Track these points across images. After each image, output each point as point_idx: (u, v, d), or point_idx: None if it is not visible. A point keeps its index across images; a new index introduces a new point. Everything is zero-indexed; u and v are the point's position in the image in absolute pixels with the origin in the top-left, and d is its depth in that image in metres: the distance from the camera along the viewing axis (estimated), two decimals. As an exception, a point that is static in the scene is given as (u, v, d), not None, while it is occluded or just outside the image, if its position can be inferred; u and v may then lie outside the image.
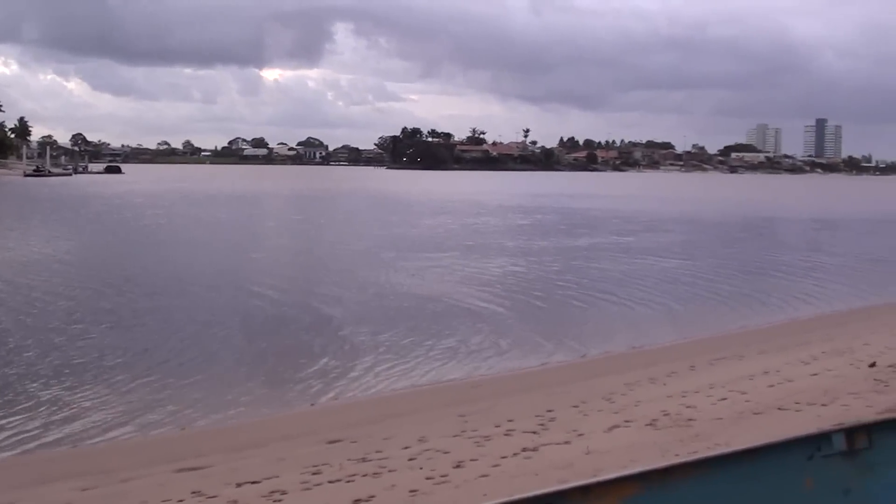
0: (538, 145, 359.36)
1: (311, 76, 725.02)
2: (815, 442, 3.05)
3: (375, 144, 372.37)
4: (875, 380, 15.26)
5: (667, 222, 74.96)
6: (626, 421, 13.48)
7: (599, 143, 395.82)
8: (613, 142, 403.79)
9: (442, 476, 11.16)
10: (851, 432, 2.99)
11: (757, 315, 28.70)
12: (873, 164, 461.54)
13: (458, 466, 11.55)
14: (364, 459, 12.41)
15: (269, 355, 22.18)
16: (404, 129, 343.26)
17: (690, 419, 13.23)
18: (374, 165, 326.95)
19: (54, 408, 17.41)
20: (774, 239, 64.69)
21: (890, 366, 16.59)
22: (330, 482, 11.33)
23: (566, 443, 12.43)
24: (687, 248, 51.98)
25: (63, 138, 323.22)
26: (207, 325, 25.44)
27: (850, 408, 12.77)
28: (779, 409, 13.45)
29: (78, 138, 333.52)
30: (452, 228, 64.60)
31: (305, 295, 30.90)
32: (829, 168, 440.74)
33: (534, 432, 13.25)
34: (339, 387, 19.20)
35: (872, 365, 16.82)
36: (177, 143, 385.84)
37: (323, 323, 26.05)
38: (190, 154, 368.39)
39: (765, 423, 12.46)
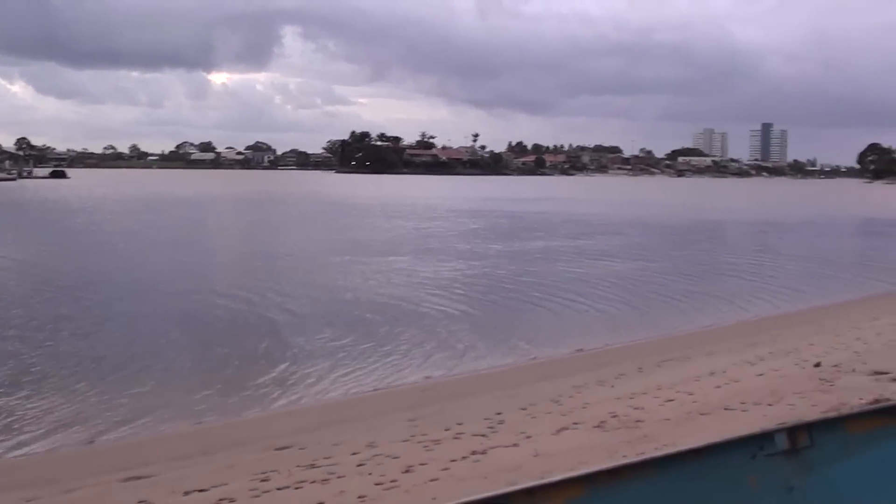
0: (487, 150, 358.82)
1: (260, 80, 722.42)
2: (758, 441, 3.07)
3: (324, 148, 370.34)
4: (820, 379, 15.42)
5: (617, 225, 75.34)
6: (575, 423, 13.53)
7: (548, 147, 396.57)
8: (561, 146, 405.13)
9: (391, 481, 11.14)
10: (793, 431, 3.02)
11: (704, 316, 28.90)
12: (818, 167, 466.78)
13: (407, 471, 11.54)
14: (313, 465, 12.37)
15: (220, 362, 21.96)
16: (353, 133, 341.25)
17: (638, 420, 13.30)
18: (322, 169, 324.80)
19: (1, 416, 17.23)
20: (722, 241, 65.33)
21: (834, 366, 16.77)
22: (278, 489, 11.29)
23: (515, 445, 12.46)
24: (636, 250, 52.23)
25: (7, 142, 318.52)
26: (160, 331, 25.24)
27: (795, 407, 12.89)
28: (725, 409, 13.56)
29: (22, 142, 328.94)
30: (406, 232, 64.53)
31: (258, 300, 30.68)
32: (775, 172, 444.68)
33: (483, 435, 13.27)
34: (289, 393, 19.11)
35: (817, 365, 17.00)
36: (123, 148, 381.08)
37: (273, 328, 25.91)
38: (137, 158, 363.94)
39: (711, 423, 12.55)
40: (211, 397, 18.76)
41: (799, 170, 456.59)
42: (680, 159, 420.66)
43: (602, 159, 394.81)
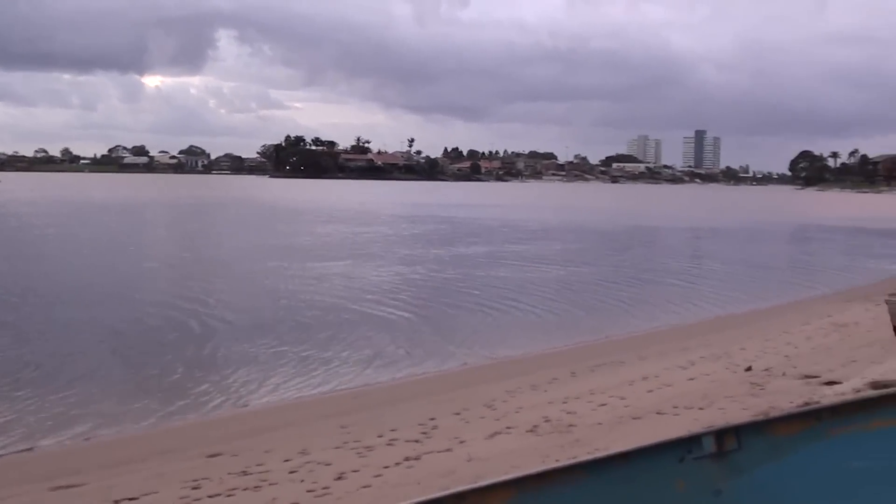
0: (423, 155, 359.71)
1: (194, 83, 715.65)
2: (686, 445, 3.07)
3: (258, 153, 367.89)
4: (751, 383, 15.60)
5: (554, 231, 75.71)
6: (508, 427, 13.57)
7: (483, 153, 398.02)
8: (497, 152, 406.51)
9: (324, 488, 11.10)
10: (721, 434, 3.02)
11: (638, 321, 29.07)
12: (750, 174, 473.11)
13: (339, 478, 11.50)
14: (245, 473, 12.28)
15: (152, 368, 21.62)
16: (288, 138, 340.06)
17: (571, 425, 13.36)
18: (257, 174, 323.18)
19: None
20: (656, 247, 65.84)
21: (765, 370, 16.98)
22: (210, 497, 11.19)
23: (448, 450, 12.46)
24: (572, 255, 52.49)
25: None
26: (88, 338, 24.87)
27: (726, 411, 13.02)
28: (657, 413, 13.66)
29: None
30: (344, 237, 64.16)
31: (192, 306, 30.32)
32: (708, 178, 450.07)
33: (416, 441, 13.26)
34: (221, 399, 18.90)
35: (748, 369, 17.19)
36: (55, 151, 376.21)
37: (207, 334, 25.63)
38: (69, 162, 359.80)
39: (643, 427, 12.64)
40: (143, 404, 18.48)
41: (732, 177, 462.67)
42: (614, 165, 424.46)
43: (537, 165, 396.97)
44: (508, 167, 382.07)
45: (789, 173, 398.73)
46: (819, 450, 2.90)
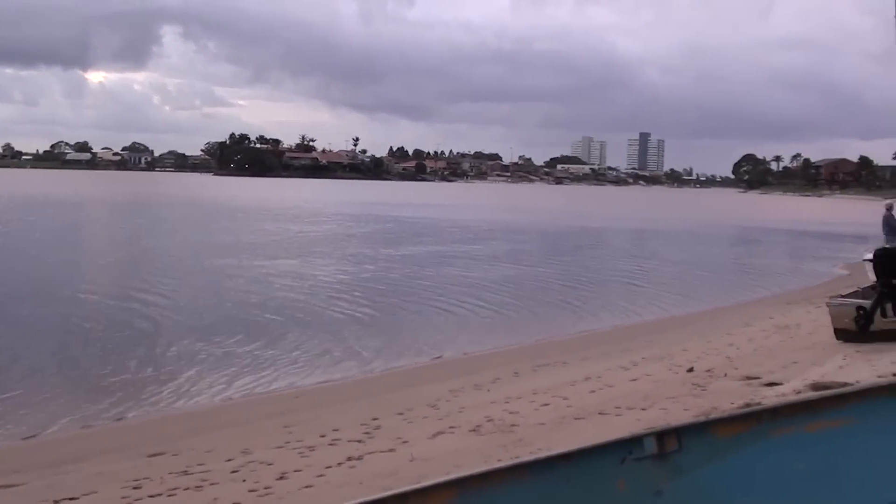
0: (368, 154, 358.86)
1: (138, 79, 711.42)
2: (627, 445, 3.08)
3: (202, 150, 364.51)
4: (692, 384, 15.70)
5: (501, 231, 75.68)
6: (451, 427, 13.57)
7: (429, 153, 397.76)
8: (442, 152, 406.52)
9: (266, 488, 11.05)
10: (662, 435, 3.03)
11: (581, 322, 29.20)
12: (694, 177, 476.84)
13: (281, 478, 11.45)
14: (186, 472, 12.20)
15: (93, 367, 21.37)
16: (232, 135, 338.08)
17: (514, 425, 13.38)
18: (201, 172, 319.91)
19: None
20: (601, 248, 65.98)
21: (707, 371, 17.10)
22: (151, 496, 11.11)
23: (391, 451, 12.45)
24: (516, 256, 52.55)
25: None
26: (30, 336, 24.58)
27: (668, 411, 13.10)
28: (599, 413, 13.72)
29: None
30: (291, 236, 63.72)
31: (135, 305, 30.04)
32: (652, 180, 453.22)
33: (359, 441, 13.24)
34: (162, 399, 18.75)
35: (690, 370, 17.30)
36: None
37: (150, 333, 25.39)
38: (10, 158, 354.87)
39: (586, 427, 12.69)
40: (83, 403, 18.31)
41: (675, 179, 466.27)
42: (559, 167, 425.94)
43: (482, 166, 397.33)
44: (454, 167, 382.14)
45: (732, 176, 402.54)
46: (759, 451, 2.91)
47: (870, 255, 21.72)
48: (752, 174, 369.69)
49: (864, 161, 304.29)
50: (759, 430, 2.92)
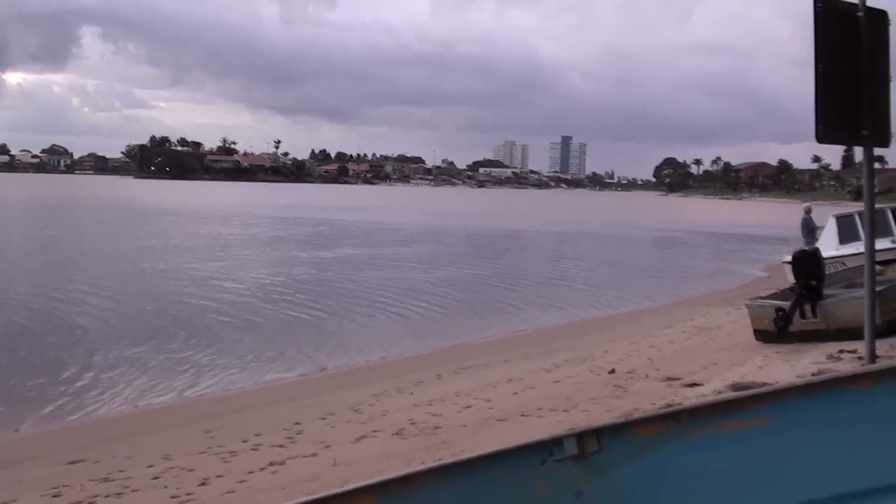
0: (290, 157, 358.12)
1: (57, 81, 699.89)
2: (548, 447, 3.08)
3: (123, 153, 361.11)
4: (614, 385, 15.81)
5: (424, 234, 75.63)
6: (374, 431, 13.56)
7: (351, 156, 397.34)
8: (365, 155, 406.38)
9: (187, 494, 10.97)
10: (582, 437, 3.04)
11: (503, 324, 29.25)
12: (615, 180, 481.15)
13: (203, 484, 11.37)
14: (107, 479, 12.08)
15: (9, 373, 21.02)
16: (153, 138, 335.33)
17: (437, 427, 13.40)
18: (121, 174, 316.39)
19: None
20: (525, 251, 66.28)
21: (628, 372, 17.23)
22: (71, 504, 10.98)
23: (314, 455, 12.41)
24: (441, 259, 52.52)
25: None
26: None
27: (590, 413, 13.17)
28: (522, 415, 13.78)
29: None
30: (213, 239, 63.16)
31: (53, 309, 29.58)
32: (574, 184, 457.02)
33: (281, 446, 13.18)
34: (82, 405, 18.47)
35: (612, 372, 17.43)
36: None
37: (67, 337, 25.01)
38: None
39: (508, 429, 12.73)
40: (0, 410, 18.03)
41: (597, 182, 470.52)
42: (481, 170, 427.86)
43: (405, 169, 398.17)
44: (376, 170, 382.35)
45: (654, 179, 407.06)
46: (677, 451, 2.93)
47: (789, 258, 22.05)
48: (673, 177, 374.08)
49: (784, 164, 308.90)
50: (678, 431, 2.93)
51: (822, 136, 9.55)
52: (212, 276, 40.00)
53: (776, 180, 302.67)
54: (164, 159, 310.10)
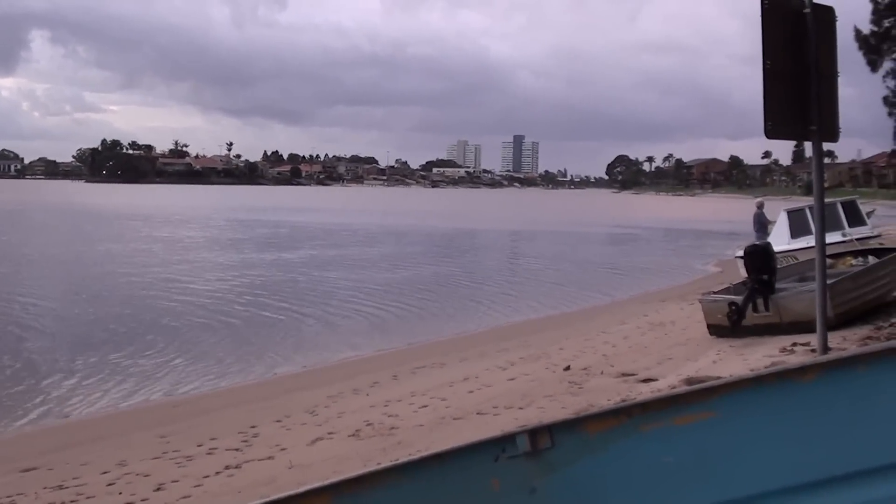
0: (242, 159, 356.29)
1: (5, 85, 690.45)
2: (500, 444, 3.08)
3: (74, 157, 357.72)
4: (569, 382, 15.86)
5: (380, 235, 75.55)
6: (330, 433, 13.54)
7: (304, 157, 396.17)
8: (318, 156, 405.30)
9: (142, 500, 10.93)
10: (534, 433, 3.03)
11: (459, 323, 29.27)
12: (568, 178, 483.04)
13: (159, 489, 11.32)
14: (61, 487, 12.00)
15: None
16: (104, 142, 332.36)
17: (393, 427, 13.40)
18: (72, 179, 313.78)
19: None
20: (481, 249, 66.43)
21: (583, 369, 17.29)
22: (24, 512, 10.89)
23: (270, 458, 12.38)
24: (395, 259, 52.47)
25: None
26: None
27: (545, 410, 13.21)
28: (478, 413, 13.80)
29: None
30: (167, 243, 62.47)
31: (8, 314, 29.26)
32: (527, 182, 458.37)
33: (237, 449, 13.13)
34: (35, 412, 18.29)
35: (567, 368, 17.48)
36: None
37: (22, 343, 24.72)
38: None
39: (464, 427, 12.75)
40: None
41: (550, 180, 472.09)
42: (434, 170, 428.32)
43: (358, 170, 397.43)
44: (330, 171, 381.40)
45: (606, 177, 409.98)
46: (630, 446, 2.93)
47: (741, 252, 22.23)
48: (626, 175, 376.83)
49: (735, 161, 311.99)
50: (630, 425, 2.94)
51: (771, 131, 9.63)
52: (170, 280, 39.68)
53: (728, 176, 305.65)
54: (116, 163, 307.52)
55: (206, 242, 65.38)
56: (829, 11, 10.17)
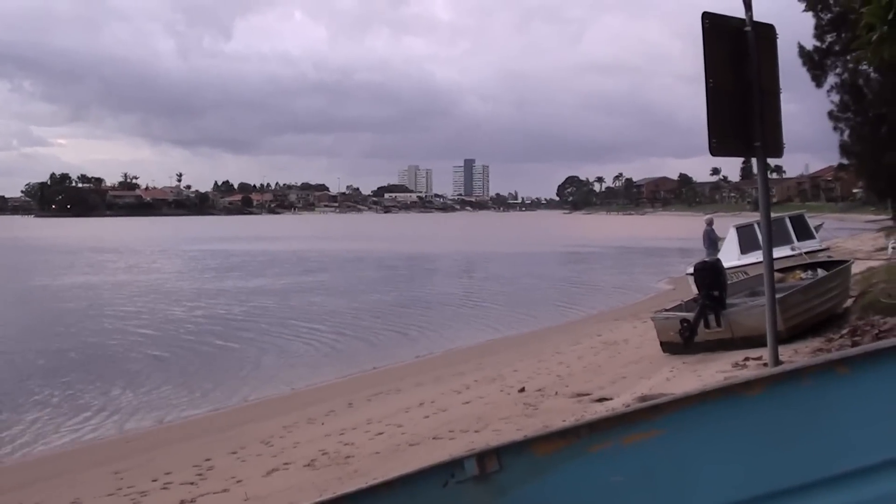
0: (192, 189, 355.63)
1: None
2: (449, 469, 3.06)
3: (23, 192, 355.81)
4: (524, 404, 15.86)
5: (333, 262, 75.27)
6: (285, 464, 13.44)
7: (255, 186, 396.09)
8: (268, 185, 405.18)
9: (97, 537, 10.77)
10: (482, 457, 3.02)
11: (415, 348, 29.19)
12: (519, 200, 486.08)
13: (113, 525, 11.17)
14: (13, 527, 11.82)
15: None
16: (53, 176, 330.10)
17: (349, 456, 13.33)
18: (21, 214, 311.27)
19: None
20: (432, 274, 66.28)
21: (538, 390, 17.30)
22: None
23: (225, 491, 12.28)
24: (347, 286, 52.25)
25: None
26: None
27: (501, 432, 13.19)
28: (434, 438, 13.76)
29: None
30: (121, 276, 61.83)
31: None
32: (479, 206, 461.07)
33: (192, 483, 13.01)
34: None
35: (522, 390, 17.49)
36: None
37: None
38: None
39: (420, 453, 12.70)
40: None
41: (502, 203, 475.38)
42: (386, 196, 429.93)
43: (309, 197, 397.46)
44: (281, 200, 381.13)
45: (557, 198, 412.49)
46: (578, 466, 2.92)
47: (691, 269, 22.37)
48: (577, 195, 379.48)
49: (684, 178, 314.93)
50: (578, 446, 2.93)
51: (716, 149, 9.69)
52: (121, 313, 39.31)
53: (677, 194, 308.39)
54: (66, 197, 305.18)
55: (158, 273, 64.81)
56: (769, 29, 10.25)
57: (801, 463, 2.74)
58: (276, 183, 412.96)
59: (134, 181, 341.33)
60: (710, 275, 19.64)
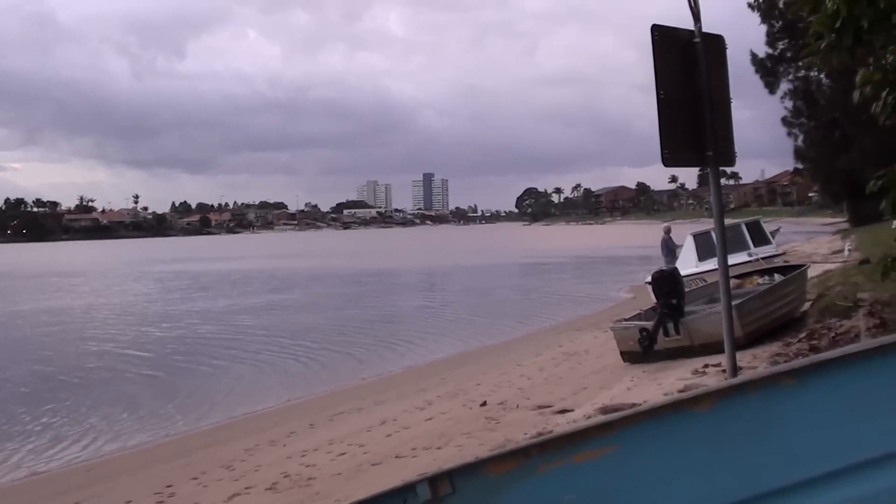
0: (150, 211, 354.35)
1: None
2: (402, 494, 3.04)
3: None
4: (486, 418, 15.84)
5: (288, 280, 75.04)
6: (247, 488, 13.37)
7: (212, 205, 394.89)
8: (226, 204, 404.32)
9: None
10: (434, 480, 3.00)
11: (375, 366, 29.08)
12: (479, 213, 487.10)
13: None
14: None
15: None
16: (7, 200, 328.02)
17: (311, 478, 13.27)
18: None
19: None
20: (393, 289, 66.18)
21: (500, 403, 17.29)
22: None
23: (186, 517, 12.17)
24: (307, 305, 52.06)
25: None
26: None
27: (463, 448, 13.16)
28: (396, 457, 13.71)
29: None
30: (79, 299, 61.40)
31: None
32: (439, 219, 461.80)
33: (153, 510, 12.89)
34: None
35: (484, 404, 17.47)
36: None
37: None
38: None
39: (383, 472, 12.65)
40: None
41: (461, 216, 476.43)
42: (346, 212, 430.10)
43: (268, 216, 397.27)
44: (239, 219, 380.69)
45: (517, 210, 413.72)
46: (530, 487, 2.91)
47: (650, 278, 22.48)
48: (536, 207, 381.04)
49: (642, 187, 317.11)
50: (529, 466, 2.92)
51: (669, 159, 9.73)
52: (81, 337, 39.01)
53: (636, 203, 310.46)
54: (21, 221, 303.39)
55: (120, 296, 64.40)
56: (719, 40, 10.30)
57: (752, 475, 2.74)
58: (234, 202, 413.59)
59: (90, 204, 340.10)
60: (667, 283, 19.75)
